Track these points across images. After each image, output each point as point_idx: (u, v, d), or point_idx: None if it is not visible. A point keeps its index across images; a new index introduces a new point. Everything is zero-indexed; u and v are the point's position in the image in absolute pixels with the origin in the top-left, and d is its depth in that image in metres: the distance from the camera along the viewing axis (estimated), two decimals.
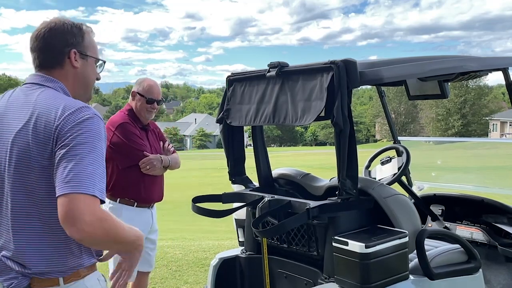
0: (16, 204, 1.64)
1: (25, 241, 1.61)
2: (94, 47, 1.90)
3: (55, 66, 1.81)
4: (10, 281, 1.60)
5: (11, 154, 1.65)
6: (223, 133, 3.06)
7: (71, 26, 1.82)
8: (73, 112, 1.64)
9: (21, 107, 1.72)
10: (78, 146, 1.58)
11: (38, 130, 1.63)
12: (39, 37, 1.79)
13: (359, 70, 2.37)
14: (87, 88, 1.90)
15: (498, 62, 3.21)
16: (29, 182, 1.62)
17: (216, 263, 3.11)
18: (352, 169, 2.41)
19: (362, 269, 2.31)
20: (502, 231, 3.48)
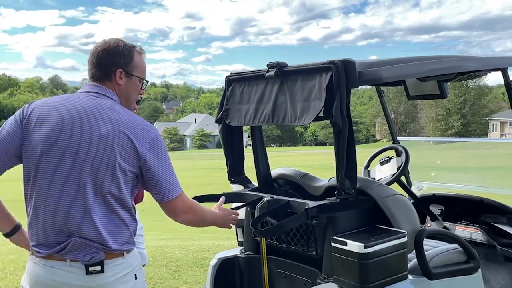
0: (104, 196, 1.98)
1: (103, 225, 1.99)
2: (141, 67, 2.20)
3: (105, 80, 2.14)
4: (91, 255, 1.98)
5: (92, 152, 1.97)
6: (222, 133, 3.06)
7: (123, 48, 2.14)
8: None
9: (98, 112, 2.02)
10: None
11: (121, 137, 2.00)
12: (95, 54, 2.14)
13: (358, 70, 2.37)
14: (128, 101, 2.20)
15: (497, 62, 3.21)
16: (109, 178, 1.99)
17: (215, 263, 3.12)
18: (351, 169, 2.41)
19: (361, 269, 2.31)
20: (501, 231, 3.48)
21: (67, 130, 1.98)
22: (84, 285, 1.98)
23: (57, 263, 1.99)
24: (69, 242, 1.97)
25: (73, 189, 1.97)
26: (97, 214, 1.97)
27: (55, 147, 1.97)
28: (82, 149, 1.96)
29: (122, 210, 2.03)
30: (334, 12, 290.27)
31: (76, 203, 1.97)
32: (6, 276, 5.22)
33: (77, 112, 2.02)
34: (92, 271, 1.97)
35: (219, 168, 28.14)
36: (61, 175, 1.97)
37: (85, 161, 1.96)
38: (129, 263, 2.06)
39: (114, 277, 2.00)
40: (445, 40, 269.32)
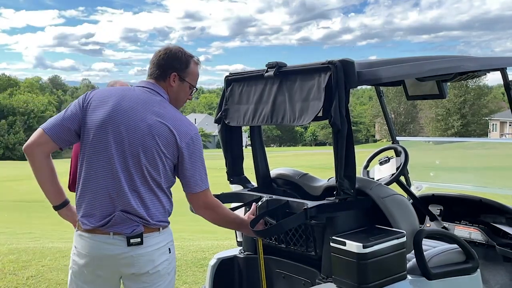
0: (145, 178, 2.25)
1: (143, 203, 2.26)
2: (194, 75, 2.49)
3: (160, 79, 2.42)
4: (132, 227, 2.24)
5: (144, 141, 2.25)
6: (221, 133, 3.06)
7: (182, 55, 2.43)
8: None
9: (149, 104, 2.31)
10: None
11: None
12: (157, 55, 2.43)
13: (357, 70, 2.36)
14: (177, 102, 2.48)
15: (496, 62, 3.21)
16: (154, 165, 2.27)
17: (214, 263, 3.12)
18: (350, 169, 2.41)
19: (360, 269, 2.31)
20: (500, 231, 3.48)
21: (119, 117, 2.26)
22: (125, 256, 2.24)
23: (101, 236, 2.24)
24: (113, 216, 2.23)
25: (118, 169, 2.23)
26: (138, 193, 2.24)
27: (107, 130, 2.24)
28: (130, 135, 2.24)
29: (160, 192, 2.29)
30: (334, 12, 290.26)
31: (119, 182, 2.23)
32: (5, 276, 5.22)
33: (130, 102, 2.30)
34: (133, 243, 2.23)
35: (219, 168, 28.13)
36: (109, 156, 2.24)
37: (132, 146, 2.23)
38: (164, 237, 2.33)
39: (151, 248, 2.27)
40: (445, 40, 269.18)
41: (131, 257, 2.24)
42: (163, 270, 2.32)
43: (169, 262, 2.36)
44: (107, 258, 2.25)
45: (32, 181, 7.58)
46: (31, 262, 5.72)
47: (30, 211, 16.40)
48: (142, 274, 2.27)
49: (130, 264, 2.25)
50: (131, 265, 2.25)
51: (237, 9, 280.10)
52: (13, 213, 15.77)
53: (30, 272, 5.32)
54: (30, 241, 7.92)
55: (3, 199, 19.49)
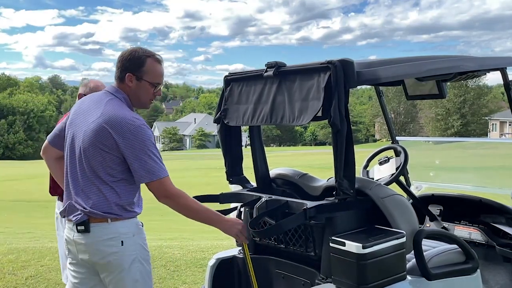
0: (87, 177, 2.44)
1: (86, 194, 2.45)
2: (153, 73, 2.54)
3: (119, 82, 2.56)
4: (77, 216, 2.45)
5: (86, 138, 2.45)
6: (220, 133, 3.05)
7: (135, 56, 2.52)
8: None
9: (96, 105, 2.50)
10: None
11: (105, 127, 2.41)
12: (118, 59, 2.57)
13: (356, 70, 2.36)
14: (140, 101, 2.58)
15: (496, 62, 3.20)
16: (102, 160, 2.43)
17: (214, 264, 3.11)
18: (350, 169, 2.40)
19: (359, 269, 2.30)
20: (500, 231, 3.47)
21: (73, 121, 2.55)
22: (79, 242, 2.47)
23: (68, 223, 2.54)
24: (67, 205, 2.52)
25: (70, 164, 2.51)
26: (80, 185, 2.47)
27: (68, 133, 2.56)
28: (78, 134, 2.48)
29: (101, 184, 2.42)
30: (334, 12, 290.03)
31: (72, 176, 2.50)
32: (4, 276, 5.21)
33: (83, 106, 2.57)
34: (79, 230, 2.45)
35: (218, 168, 28.13)
36: (70, 156, 2.52)
37: (78, 144, 2.47)
38: (115, 229, 2.43)
39: (99, 238, 2.42)
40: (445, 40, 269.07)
41: (83, 244, 2.45)
42: (115, 260, 2.42)
43: (122, 254, 2.42)
44: (70, 243, 2.53)
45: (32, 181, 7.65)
46: (30, 262, 5.71)
47: (30, 211, 16.38)
48: (96, 263, 2.47)
49: (84, 251, 2.47)
50: (84, 252, 2.47)
51: (237, 9, 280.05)
52: (13, 212, 15.75)
53: (29, 272, 5.32)
54: (30, 241, 7.91)
55: (3, 199, 19.48)
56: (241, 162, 3.14)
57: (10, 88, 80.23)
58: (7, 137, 66.87)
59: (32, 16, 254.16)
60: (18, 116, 69.54)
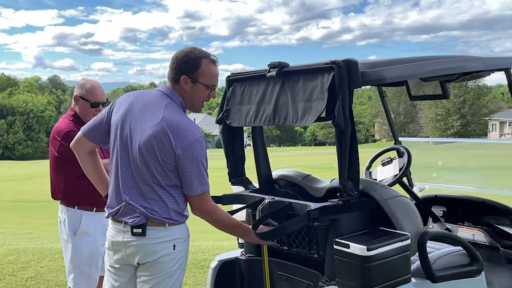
0: (145, 180, 2.41)
1: (146, 198, 2.42)
2: (208, 75, 2.49)
3: (174, 83, 2.51)
4: (134, 218, 2.41)
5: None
6: (222, 134, 3.02)
7: (190, 57, 2.46)
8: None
9: (154, 108, 2.44)
10: None
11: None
12: (172, 59, 2.51)
13: (360, 70, 2.33)
14: (193, 104, 2.55)
15: (500, 62, 3.18)
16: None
17: (216, 265, 3.08)
18: (354, 170, 2.38)
19: (364, 272, 2.28)
20: (504, 232, 3.45)
21: (127, 121, 2.45)
22: (131, 244, 2.43)
23: (117, 224, 2.49)
24: (121, 206, 2.45)
25: (126, 165, 2.43)
26: (140, 189, 2.41)
27: (122, 131, 2.46)
28: (134, 137, 2.41)
29: (160, 190, 2.40)
30: (334, 12, 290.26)
31: (126, 176, 2.43)
32: (4, 277, 5.19)
33: (138, 106, 2.47)
34: (135, 233, 2.41)
35: (218, 168, 28.10)
36: (123, 154, 2.45)
37: (135, 147, 2.40)
38: (170, 233, 2.44)
39: (154, 241, 2.41)
40: (444, 40, 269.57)
41: (135, 246, 2.42)
42: (164, 263, 2.42)
43: (172, 258, 2.44)
44: (119, 244, 2.48)
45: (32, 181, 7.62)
46: (30, 263, 5.69)
47: (30, 211, 16.36)
48: (144, 264, 2.43)
49: (134, 254, 2.43)
50: (135, 254, 2.43)
51: (236, 9, 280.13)
52: (12, 213, 15.72)
53: (29, 273, 5.29)
54: (29, 241, 7.88)
55: (2, 199, 19.46)
56: (243, 163, 3.12)
57: (9, 88, 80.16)
58: (7, 137, 66.85)
59: (31, 16, 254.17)
60: (18, 116, 69.51)
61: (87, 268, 3.35)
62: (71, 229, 3.34)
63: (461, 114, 56.29)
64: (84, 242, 3.33)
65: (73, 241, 3.34)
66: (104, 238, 3.48)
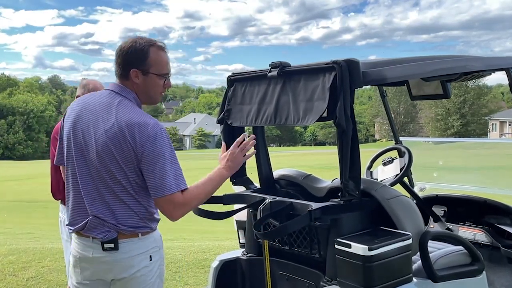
0: (108, 188, 2.20)
1: (113, 209, 2.22)
2: (160, 63, 2.29)
3: (123, 79, 2.29)
4: (105, 233, 2.22)
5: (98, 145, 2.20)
6: (223, 134, 3.02)
7: (135, 48, 2.25)
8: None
9: (106, 109, 2.22)
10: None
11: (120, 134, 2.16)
12: (117, 54, 2.29)
13: (362, 70, 2.34)
14: (149, 97, 2.34)
15: (501, 62, 3.18)
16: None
17: (217, 265, 3.08)
18: (355, 170, 2.38)
19: (365, 271, 2.28)
20: (505, 232, 3.45)
21: (79, 129, 2.25)
22: (103, 260, 2.24)
23: (84, 239, 2.28)
24: (88, 221, 2.24)
25: (86, 175, 2.24)
26: (105, 199, 2.21)
27: (75, 140, 2.26)
28: (87, 145, 2.22)
29: (128, 198, 2.21)
30: (334, 12, 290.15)
31: (87, 187, 2.24)
32: (5, 277, 5.19)
33: (88, 112, 2.27)
34: (107, 248, 2.23)
35: None
36: (80, 165, 2.25)
37: (91, 155, 2.20)
38: (145, 244, 2.27)
39: (128, 254, 2.23)
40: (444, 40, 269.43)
41: (108, 262, 2.24)
42: (142, 277, 2.26)
43: (150, 269, 2.29)
44: (88, 260, 2.28)
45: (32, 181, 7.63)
46: (31, 263, 5.69)
47: (30, 211, 16.36)
48: (120, 280, 2.25)
49: (108, 270, 2.25)
50: (109, 270, 2.25)
51: (236, 9, 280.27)
52: (13, 213, 15.72)
53: (30, 273, 5.29)
54: (30, 241, 7.88)
55: (2, 199, 19.46)
56: (245, 163, 3.11)
57: (9, 88, 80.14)
58: (7, 137, 66.85)
59: (31, 16, 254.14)
60: (18, 116, 69.50)
61: None
62: None
63: (461, 114, 56.28)
64: None
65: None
66: None
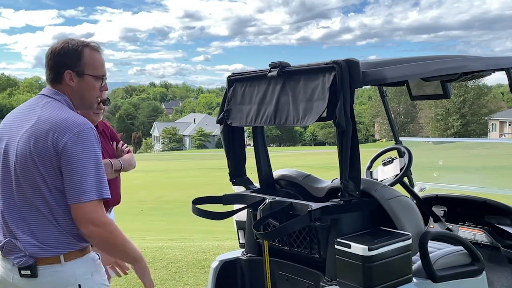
0: (26, 199, 1.96)
1: (34, 228, 1.96)
2: (93, 64, 2.13)
3: (56, 83, 2.12)
4: (20, 258, 1.96)
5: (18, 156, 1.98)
6: (223, 134, 3.02)
7: (68, 48, 2.09)
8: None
9: (29, 111, 2.06)
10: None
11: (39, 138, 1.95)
12: (47, 56, 2.12)
13: (361, 70, 2.33)
14: (84, 102, 2.17)
15: (501, 62, 3.18)
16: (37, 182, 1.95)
17: (217, 266, 3.08)
18: (355, 170, 2.38)
19: (365, 272, 2.28)
20: (505, 232, 3.45)
21: (3, 134, 2.08)
22: (22, 287, 1.99)
23: (6, 261, 2.04)
24: (4, 243, 2.02)
25: (6, 188, 2.02)
26: (23, 217, 1.97)
27: None
28: (8, 155, 2.02)
29: (50, 212, 1.95)
30: (334, 12, 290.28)
31: (7, 201, 2.01)
32: None
33: (11, 119, 2.11)
34: (24, 275, 1.97)
35: (219, 168, 28.13)
36: (4, 176, 2.03)
37: (11, 167, 1.99)
38: (70, 271, 1.97)
39: (49, 284, 1.95)
40: (444, 39, 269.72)
41: None
42: None
43: None
44: (10, 285, 2.04)
45: None
46: None
47: None
48: None
49: None
50: None
51: (236, 9, 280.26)
52: None
53: None
54: None
55: None
56: (244, 163, 3.11)
57: (9, 88, 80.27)
58: None
59: (31, 16, 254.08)
60: None
61: None
62: None
63: (461, 114, 56.26)
64: None
65: None
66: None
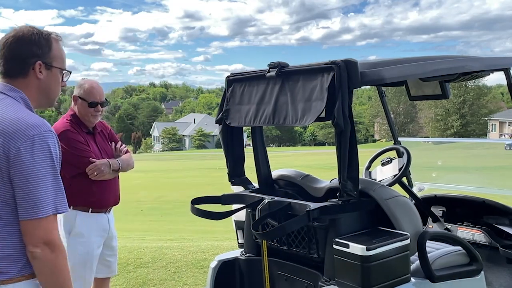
0: None
1: None
2: (61, 57, 1.94)
3: (18, 76, 1.85)
4: None
5: None
6: (222, 134, 3.02)
7: (39, 36, 1.85)
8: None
9: None
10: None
11: None
12: (6, 45, 1.83)
13: (360, 71, 2.34)
14: (50, 97, 1.95)
15: (500, 62, 3.18)
16: None
17: (216, 265, 3.08)
18: (353, 170, 2.38)
19: (363, 271, 2.28)
20: (504, 232, 3.45)
21: None
22: None
23: None
24: None
25: None
26: None
27: None
28: None
29: (8, 227, 1.72)
30: (334, 12, 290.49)
31: None
32: None
33: None
34: None
35: (218, 168, 28.14)
36: None
37: None
38: None
39: None
40: (444, 40, 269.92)
41: None
42: None
43: None
44: None
45: None
46: None
47: None
48: None
49: None
50: None
51: (236, 9, 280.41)
52: None
53: None
54: None
55: None
56: (243, 163, 3.12)
57: None
58: None
59: (31, 16, 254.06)
60: None
61: (81, 269, 3.31)
62: (66, 229, 3.34)
63: (460, 114, 56.32)
64: (78, 243, 3.30)
65: (67, 242, 3.33)
66: (100, 239, 3.38)
